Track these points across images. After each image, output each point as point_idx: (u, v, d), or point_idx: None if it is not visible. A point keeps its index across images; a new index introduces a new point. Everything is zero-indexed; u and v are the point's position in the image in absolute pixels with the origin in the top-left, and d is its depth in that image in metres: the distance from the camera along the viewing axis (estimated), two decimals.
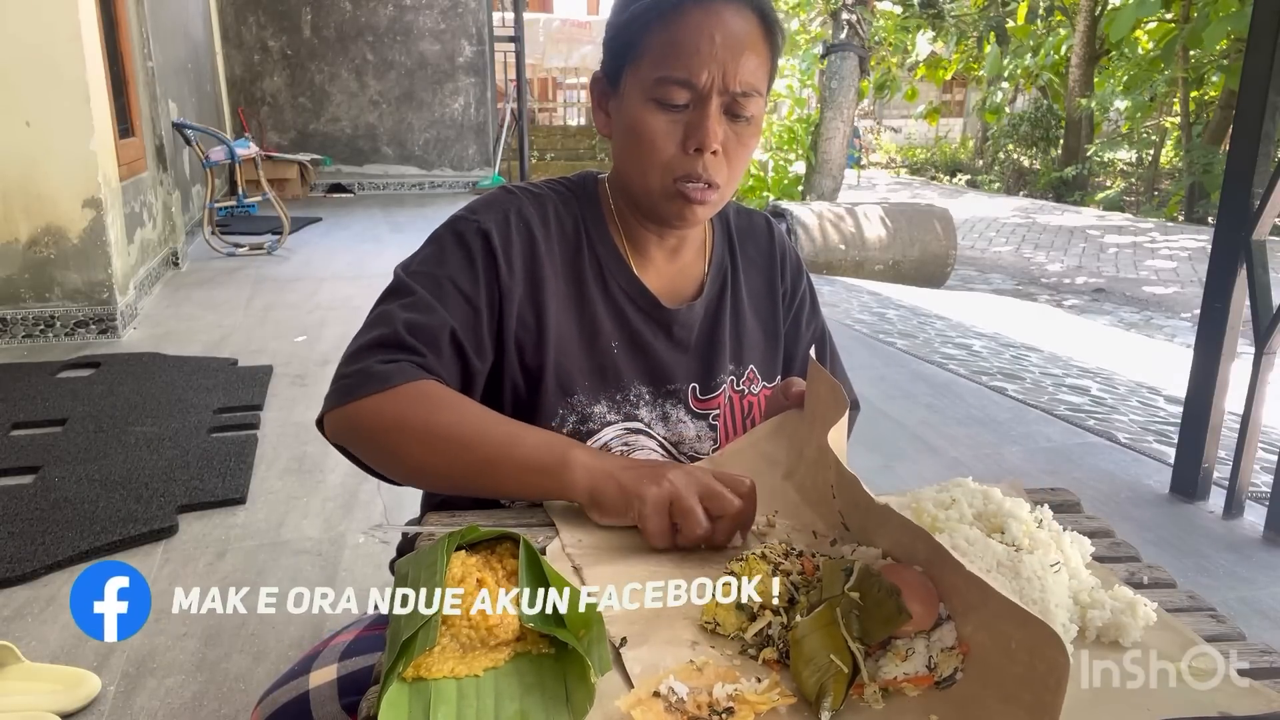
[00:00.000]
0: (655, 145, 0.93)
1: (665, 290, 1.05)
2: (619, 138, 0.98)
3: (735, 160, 0.95)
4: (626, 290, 1.02)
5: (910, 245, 7.49)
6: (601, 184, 1.06)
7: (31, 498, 2.49)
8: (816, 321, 1.19)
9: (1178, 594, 0.79)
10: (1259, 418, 2.64)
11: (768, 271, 1.14)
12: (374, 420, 0.87)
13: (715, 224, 1.12)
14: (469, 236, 0.97)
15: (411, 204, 9.29)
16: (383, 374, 0.88)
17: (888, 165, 20.92)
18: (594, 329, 1.01)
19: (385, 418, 0.86)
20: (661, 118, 0.92)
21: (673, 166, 0.93)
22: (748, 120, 0.94)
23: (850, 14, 8.62)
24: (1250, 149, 2.58)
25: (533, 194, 1.03)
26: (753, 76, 0.92)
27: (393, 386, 0.87)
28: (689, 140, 0.92)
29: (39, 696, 1.67)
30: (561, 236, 1.01)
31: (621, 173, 1.00)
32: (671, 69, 0.90)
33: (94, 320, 4.08)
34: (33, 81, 3.75)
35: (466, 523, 0.82)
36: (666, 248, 1.05)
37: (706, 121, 0.91)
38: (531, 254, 0.98)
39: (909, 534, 0.68)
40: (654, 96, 0.92)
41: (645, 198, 0.97)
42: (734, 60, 0.90)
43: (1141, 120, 14.73)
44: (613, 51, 0.97)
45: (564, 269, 1.01)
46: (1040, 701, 0.55)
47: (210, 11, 9.01)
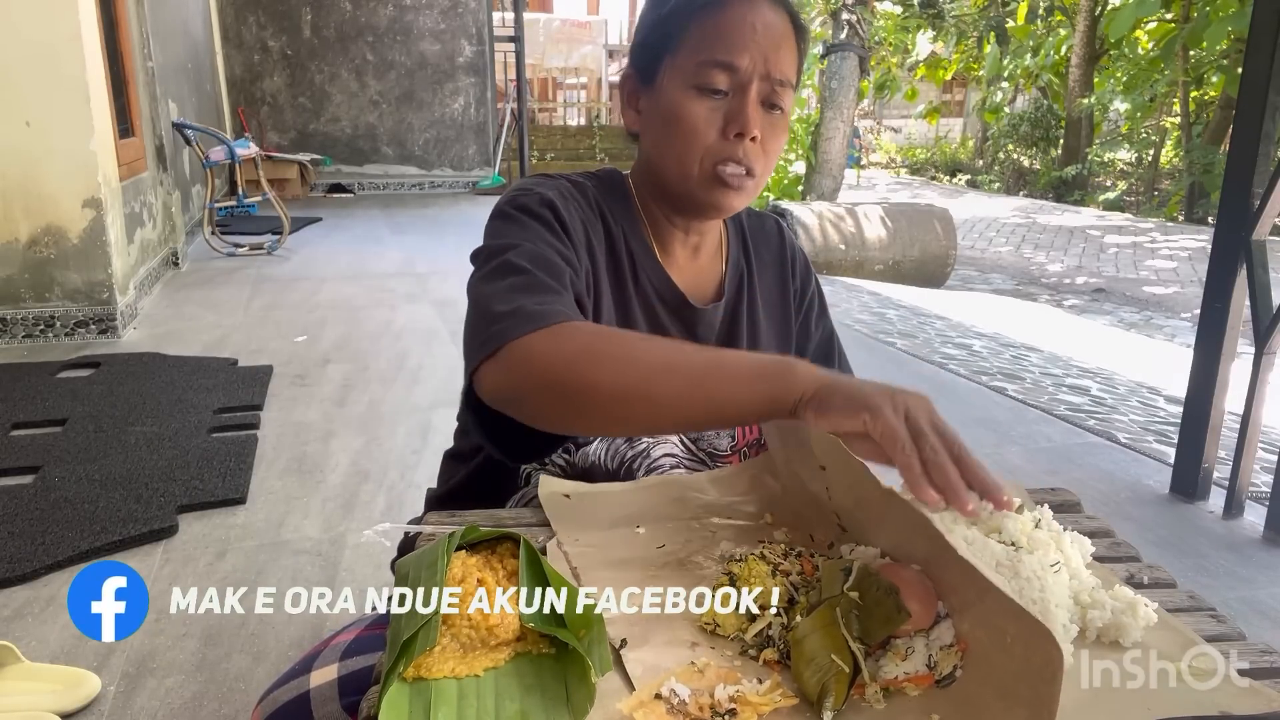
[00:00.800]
0: (697, 130, 0.94)
1: (688, 290, 1.06)
2: (655, 129, 0.98)
3: (770, 150, 0.97)
4: (657, 287, 1.03)
5: (910, 245, 7.49)
6: (627, 180, 1.07)
7: (31, 498, 2.49)
8: (825, 322, 1.20)
9: (1178, 594, 0.79)
10: (1259, 418, 2.64)
11: (780, 273, 1.15)
12: (554, 355, 0.78)
13: (730, 225, 1.13)
14: (534, 206, 0.95)
15: (411, 204, 9.29)
16: (545, 313, 0.80)
17: (888, 165, 20.92)
18: (628, 322, 1.01)
19: (569, 350, 0.78)
20: (702, 104, 0.94)
21: (713, 151, 0.94)
22: (781, 112, 0.96)
23: (850, 14, 8.62)
24: (1250, 149, 2.58)
25: (573, 181, 1.04)
26: (788, 68, 0.94)
27: (559, 322, 0.80)
28: (730, 125, 0.93)
29: (39, 696, 1.67)
30: (604, 225, 1.02)
31: (656, 164, 1.01)
32: (715, 52, 0.92)
33: (94, 320, 4.08)
34: (33, 81, 3.76)
35: (467, 523, 0.82)
36: (689, 246, 1.06)
37: (747, 107, 0.93)
38: (586, 231, 0.99)
39: (909, 525, 0.67)
40: (696, 83, 0.93)
41: (682, 184, 0.98)
42: (774, 49, 0.93)
43: (1141, 120, 14.73)
44: (648, 45, 0.98)
45: (605, 257, 1.01)
46: (1037, 695, 0.55)
47: (210, 11, 9.01)
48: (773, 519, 0.87)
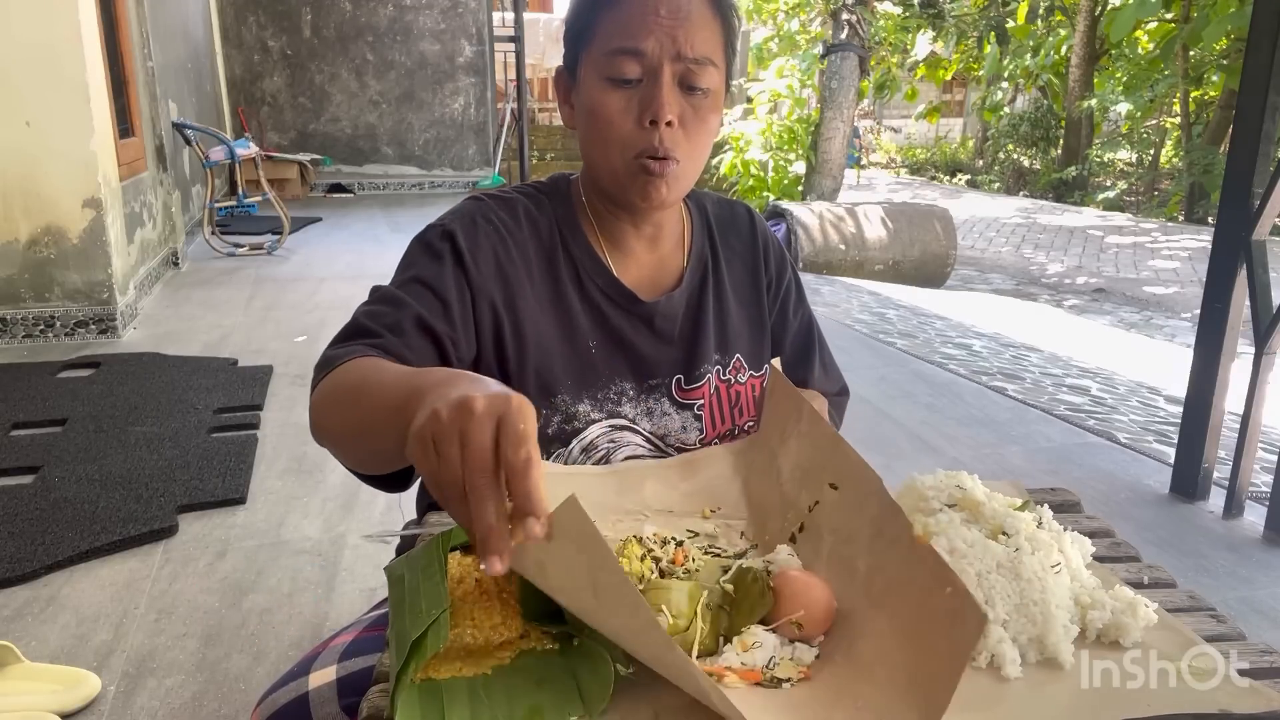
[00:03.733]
0: (612, 123, 0.93)
1: (645, 282, 1.05)
2: (581, 125, 0.98)
3: (695, 134, 0.95)
4: (603, 289, 1.02)
5: (910, 245, 7.49)
6: (574, 183, 1.06)
7: (31, 498, 2.49)
8: (803, 310, 1.19)
9: (1178, 594, 0.80)
10: (1259, 418, 2.64)
11: (750, 261, 1.14)
12: (315, 404, 0.82)
13: (694, 214, 1.12)
14: (435, 241, 0.97)
15: (411, 204, 9.29)
16: (331, 358, 0.84)
17: (888, 165, 20.91)
18: (572, 329, 1.01)
19: (322, 397, 0.81)
20: (616, 95, 0.92)
21: (631, 142, 0.93)
22: (704, 93, 0.93)
23: (850, 14, 8.61)
24: (1250, 149, 2.58)
25: (502, 199, 1.03)
26: (704, 46, 0.92)
27: (335, 367, 0.81)
28: (644, 113, 0.92)
29: (39, 696, 1.67)
30: (535, 238, 1.02)
31: (587, 160, 1.01)
32: (622, 41, 0.91)
33: (94, 320, 4.08)
34: (33, 81, 3.75)
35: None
36: (644, 238, 1.05)
37: (660, 92, 0.91)
38: (503, 255, 0.98)
39: (859, 474, 0.72)
40: (607, 74, 0.92)
41: (610, 180, 0.97)
42: (682, 28, 0.90)
43: (1141, 120, 14.72)
44: (569, 40, 0.98)
45: (539, 271, 1.01)
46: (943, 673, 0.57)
47: (210, 11, 9.01)
48: (710, 512, 0.89)
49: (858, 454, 0.75)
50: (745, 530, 0.86)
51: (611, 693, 0.59)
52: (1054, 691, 0.64)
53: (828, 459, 0.78)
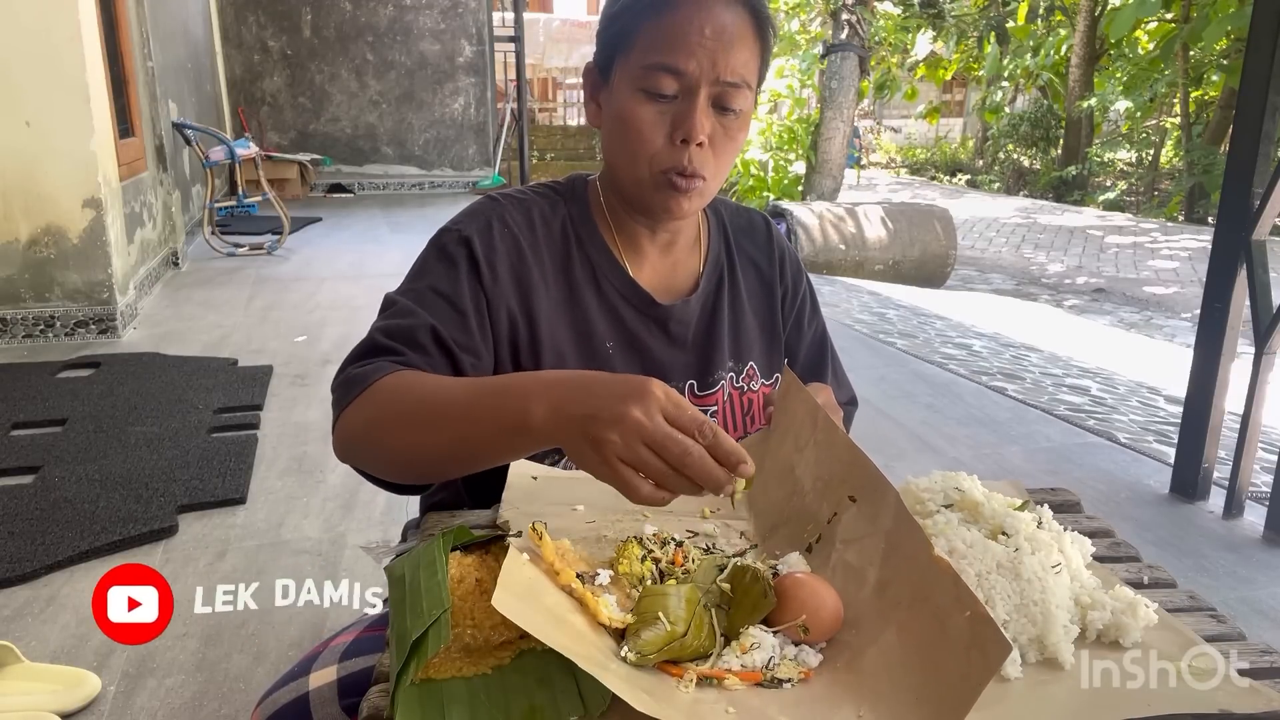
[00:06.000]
0: (643, 135, 0.92)
1: (660, 286, 1.05)
2: (608, 128, 0.97)
3: (722, 154, 0.95)
4: (620, 289, 1.02)
5: (910, 245, 7.49)
6: (592, 184, 1.06)
7: (31, 498, 2.49)
8: (818, 321, 1.19)
9: (1178, 594, 0.80)
10: (1259, 418, 2.64)
11: (766, 270, 1.14)
12: (357, 425, 0.83)
13: (711, 220, 1.12)
14: (450, 246, 0.96)
15: (411, 204, 9.29)
16: (358, 377, 0.84)
17: (888, 165, 20.90)
18: (588, 331, 1.00)
19: (366, 418, 0.83)
20: (650, 108, 0.92)
21: (660, 158, 0.93)
22: (736, 114, 0.93)
23: (850, 14, 8.61)
24: (1250, 149, 2.58)
25: (517, 200, 1.03)
26: (743, 69, 0.91)
27: (367, 387, 0.83)
28: (676, 131, 0.91)
29: (39, 696, 1.67)
30: (549, 240, 1.01)
31: (610, 164, 1.00)
32: (661, 56, 0.90)
33: (94, 320, 4.08)
34: (33, 81, 3.75)
35: (467, 523, 0.82)
36: (660, 243, 1.05)
37: (694, 113, 0.90)
38: (518, 259, 0.98)
39: (876, 485, 0.71)
40: (643, 86, 0.91)
41: (633, 188, 0.97)
42: (724, 51, 0.89)
43: (1141, 120, 14.72)
44: (605, 42, 0.97)
45: (554, 273, 1.00)
46: (959, 693, 0.56)
47: (210, 11, 9.01)
48: (710, 513, 0.89)
49: (875, 465, 0.74)
50: (745, 530, 0.86)
51: (611, 693, 0.59)
52: (1054, 691, 0.64)
53: (847, 470, 0.77)
